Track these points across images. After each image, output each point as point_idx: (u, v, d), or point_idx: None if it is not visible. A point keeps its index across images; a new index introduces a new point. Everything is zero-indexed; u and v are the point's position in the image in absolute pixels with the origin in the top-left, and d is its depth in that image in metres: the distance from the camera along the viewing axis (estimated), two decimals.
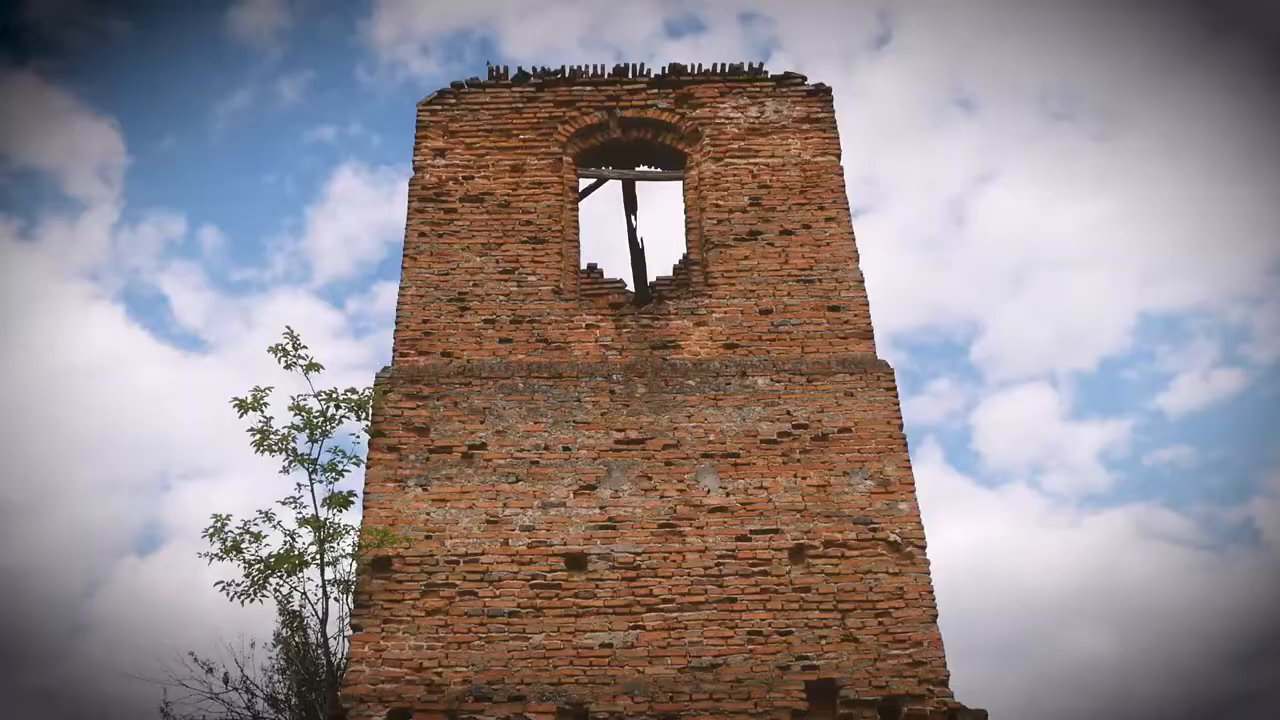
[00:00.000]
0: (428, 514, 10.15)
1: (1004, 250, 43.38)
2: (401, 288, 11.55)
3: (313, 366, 10.26)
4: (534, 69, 12.88)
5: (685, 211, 12.41)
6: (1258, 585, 32.20)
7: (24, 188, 41.39)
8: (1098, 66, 43.03)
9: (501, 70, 12.90)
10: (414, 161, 12.33)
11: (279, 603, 10.55)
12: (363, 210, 44.05)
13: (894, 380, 10.89)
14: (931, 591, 9.76)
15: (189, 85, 43.29)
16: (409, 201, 12.08)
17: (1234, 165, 40.74)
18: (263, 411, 10.02)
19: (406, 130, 12.49)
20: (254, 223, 45.94)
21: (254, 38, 44.14)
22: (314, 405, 10.09)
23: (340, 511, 9.90)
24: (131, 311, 43.91)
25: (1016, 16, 43.48)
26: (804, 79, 12.82)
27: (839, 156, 12.37)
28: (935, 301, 42.90)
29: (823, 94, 12.74)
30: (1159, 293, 42.97)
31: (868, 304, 11.41)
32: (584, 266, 12.14)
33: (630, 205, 13.27)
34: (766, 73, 12.88)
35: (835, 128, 12.54)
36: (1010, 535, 36.18)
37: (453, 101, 12.70)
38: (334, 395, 10.12)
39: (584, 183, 12.81)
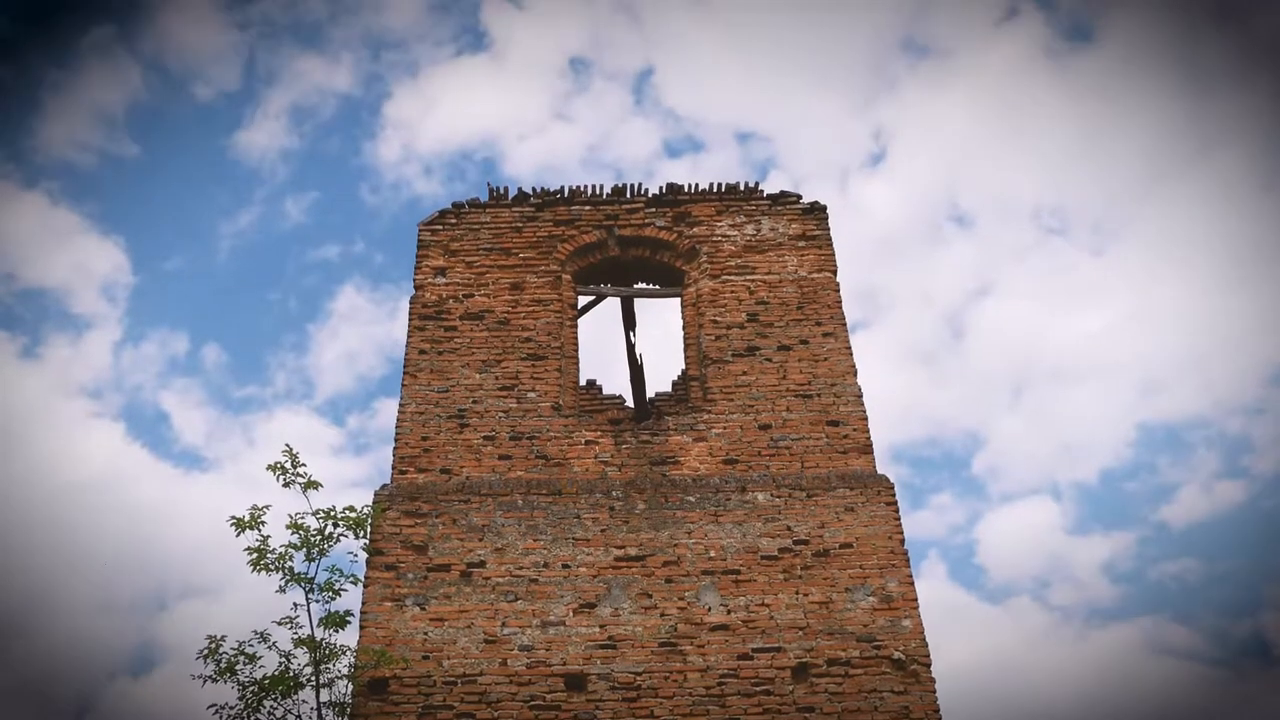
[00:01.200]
0: (425, 633, 10.02)
1: (1003, 363, 43.61)
2: (401, 404, 11.58)
3: (311, 484, 10.24)
4: (534, 189, 13.11)
5: (684, 327, 12.51)
6: (1272, 702, 31.56)
7: (29, 306, 41.75)
8: (1090, 181, 43.77)
9: (502, 190, 13.12)
10: (415, 280, 12.48)
11: None
12: (365, 327, 44.39)
13: (894, 495, 10.85)
14: (938, 710, 9.59)
15: (196, 205, 44.05)
16: (409, 319, 12.19)
17: (1228, 277, 41.16)
18: (260, 530, 9.95)
19: (409, 248, 12.68)
20: (256, 340, 46.22)
21: (260, 159, 45.02)
22: (312, 523, 10.02)
23: (337, 631, 9.77)
24: (131, 429, 43.83)
25: (1009, 133, 44.41)
26: (799, 197, 13.03)
27: (835, 272, 12.51)
28: (936, 414, 42.96)
29: (818, 211, 12.95)
30: (1158, 404, 43.02)
31: (866, 418, 11.43)
32: (583, 382, 12.20)
33: (629, 321, 13.39)
34: (762, 191, 13.09)
35: (831, 244, 12.71)
36: (1017, 651, 35.62)
37: (453, 221, 12.90)
38: (332, 513, 10.06)
39: (583, 299, 12.94)
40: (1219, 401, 41.42)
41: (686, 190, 13.07)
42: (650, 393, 12.71)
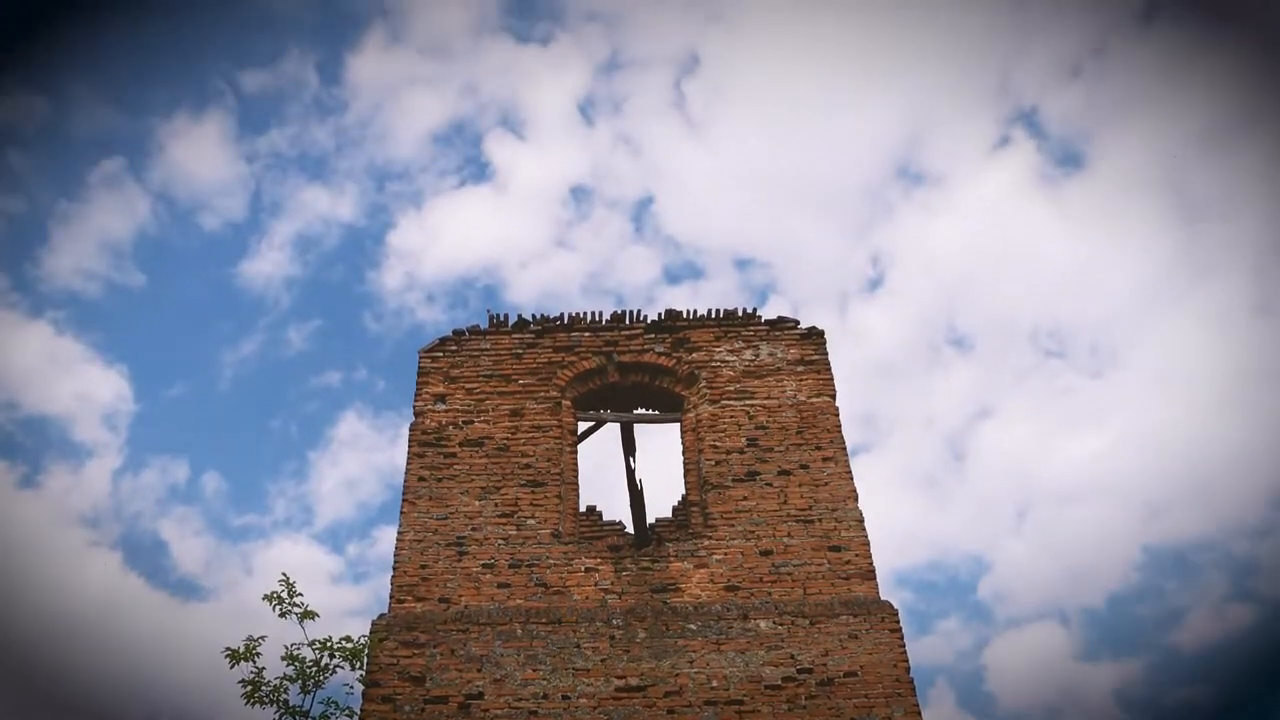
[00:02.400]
0: None
1: (1005, 485, 43.42)
2: (400, 532, 11.51)
3: (308, 614, 10.11)
4: (534, 316, 13.24)
5: (683, 453, 12.49)
6: None
7: (31, 434, 41.75)
8: (1087, 304, 44.17)
9: (502, 317, 13.24)
10: (415, 407, 12.51)
11: None
12: (365, 454, 44.35)
13: (899, 621, 10.71)
14: None
15: (199, 333, 44.46)
16: (409, 446, 12.18)
17: (1227, 400, 41.22)
18: (255, 662, 9.80)
19: (411, 374, 12.76)
20: (257, 468, 46.14)
21: (265, 287, 45.55)
22: (308, 654, 9.88)
23: None
24: (129, 558, 43.45)
25: (1005, 257, 44.98)
26: (797, 322, 13.14)
27: (834, 397, 12.55)
28: (939, 538, 42.61)
29: (815, 337, 13.04)
30: (1163, 526, 42.67)
31: (868, 543, 11.35)
32: (583, 509, 12.14)
33: (629, 447, 13.38)
34: (760, 317, 13.21)
35: (829, 369, 12.77)
36: None
37: (454, 348, 12.99)
38: (328, 644, 9.92)
39: (583, 425, 12.94)
40: (1224, 524, 41.11)
41: (685, 316, 13.19)
42: (650, 518, 12.63)
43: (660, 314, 13.23)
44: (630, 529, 12.36)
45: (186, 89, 45.48)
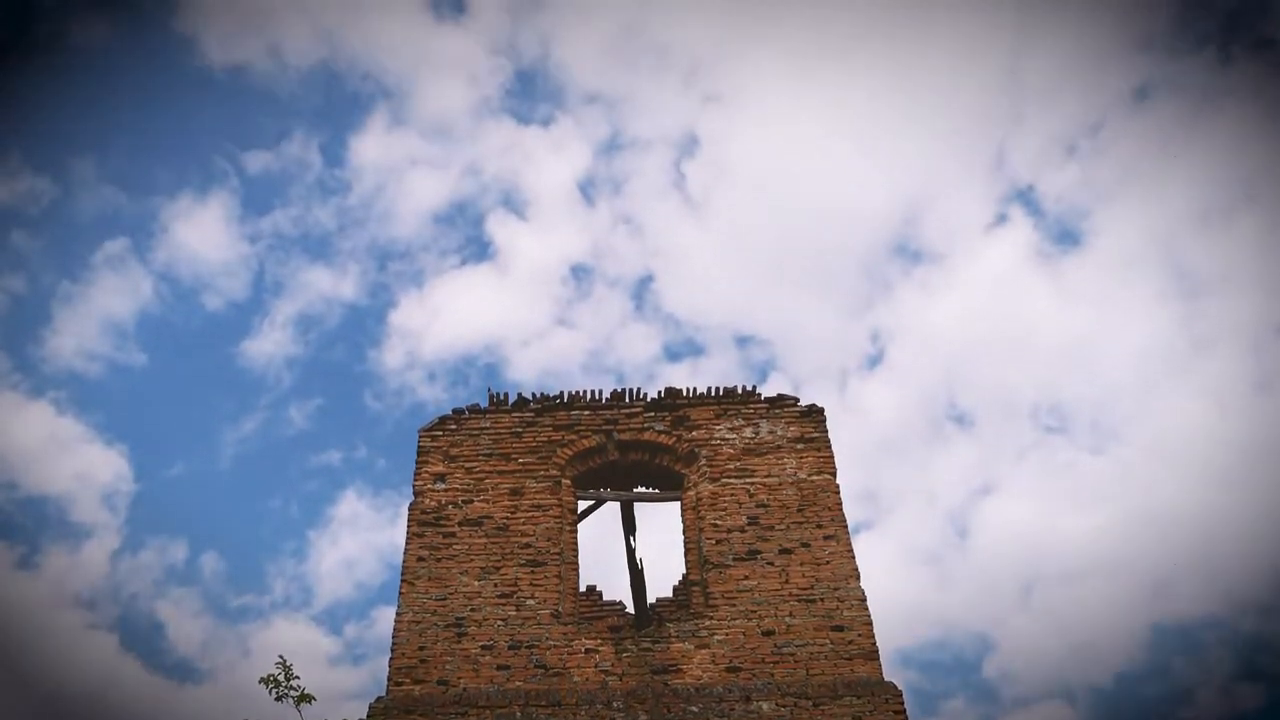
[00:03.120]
0: None
1: (1009, 562, 43.09)
2: (398, 613, 11.41)
3: (304, 698, 10.00)
4: (534, 394, 13.25)
5: (684, 531, 12.43)
6: None
7: (30, 515, 41.59)
8: (1086, 380, 44.22)
9: (502, 396, 13.26)
10: (414, 486, 12.48)
11: None
12: (365, 534, 44.15)
13: (903, 702, 10.57)
14: None
15: (201, 413, 44.47)
16: (408, 526, 12.13)
17: (1230, 477, 41.08)
18: None
19: (411, 453, 12.74)
20: (256, 548, 45.87)
21: (266, 367, 45.65)
22: None
23: None
24: (126, 640, 43.03)
25: (1004, 334, 45.12)
26: (796, 400, 13.15)
27: (834, 475, 12.51)
28: (943, 616, 42.19)
29: (815, 414, 13.04)
30: (1170, 604, 42.28)
31: (871, 623, 11.24)
32: (583, 588, 12.05)
33: (629, 525, 13.32)
34: (759, 395, 13.22)
35: (829, 447, 12.75)
36: None
37: (453, 427, 12.99)
38: None
39: (583, 504, 12.90)
40: (1232, 601, 40.75)
41: (685, 394, 13.20)
42: (651, 598, 12.54)
43: (660, 392, 13.25)
44: (631, 609, 12.26)
45: (191, 170, 46.13)
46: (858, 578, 11.60)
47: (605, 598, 12.12)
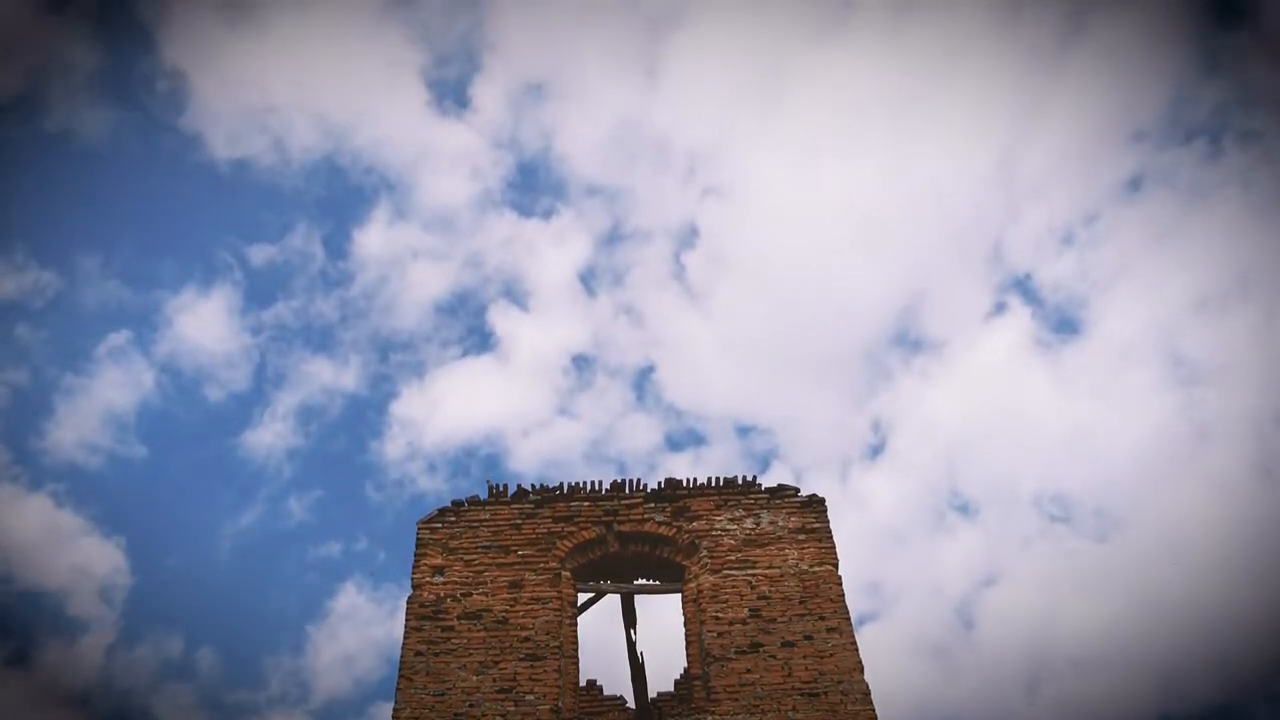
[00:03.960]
0: None
1: (1017, 653, 42.45)
2: (395, 709, 11.25)
3: None
4: (533, 485, 13.21)
5: (685, 624, 12.30)
6: None
7: (26, 609, 41.18)
8: (1089, 469, 44.08)
9: (501, 488, 13.22)
10: (412, 579, 12.39)
11: None
12: (364, 628, 43.59)
13: None
14: None
15: (199, 505, 44.25)
16: (406, 620, 12.01)
17: (1235, 565, 40.73)
18: None
19: (411, 545, 12.67)
20: (253, 642, 45.22)
21: (266, 458, 45.54)
22: None
23: None
24: None
25: (1005, 423, 45.08)
26: (797, 490, 13.10)
27: (836, 566, 12.42)
28: (951, 709, 41.43)
29: (816, 504, 12.98)
30: (1180, 694, 41.62)
31: (876, 717, 11.07)
32: (583, 683, 11.90)
33: (629, 618, 13.18)
34: (760, 485, 13.18)
35: (831, 537, 12.67)
36: None
37: (453, 519, 12.93)
38: None
39: (583, 597, 12.79)
40: (1243, 691, 40.14)
41: (685, 485, 13.16)
42: (652, 693, 12.35)
43: (660, 483, 13.21)
44: (632, 704, 12.09)
45: (196, 263, 46.52)
46: (862, 671, 11.45)
47: (606, 692, 11.96)
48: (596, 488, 13.21)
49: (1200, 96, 43.48)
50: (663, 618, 13.86)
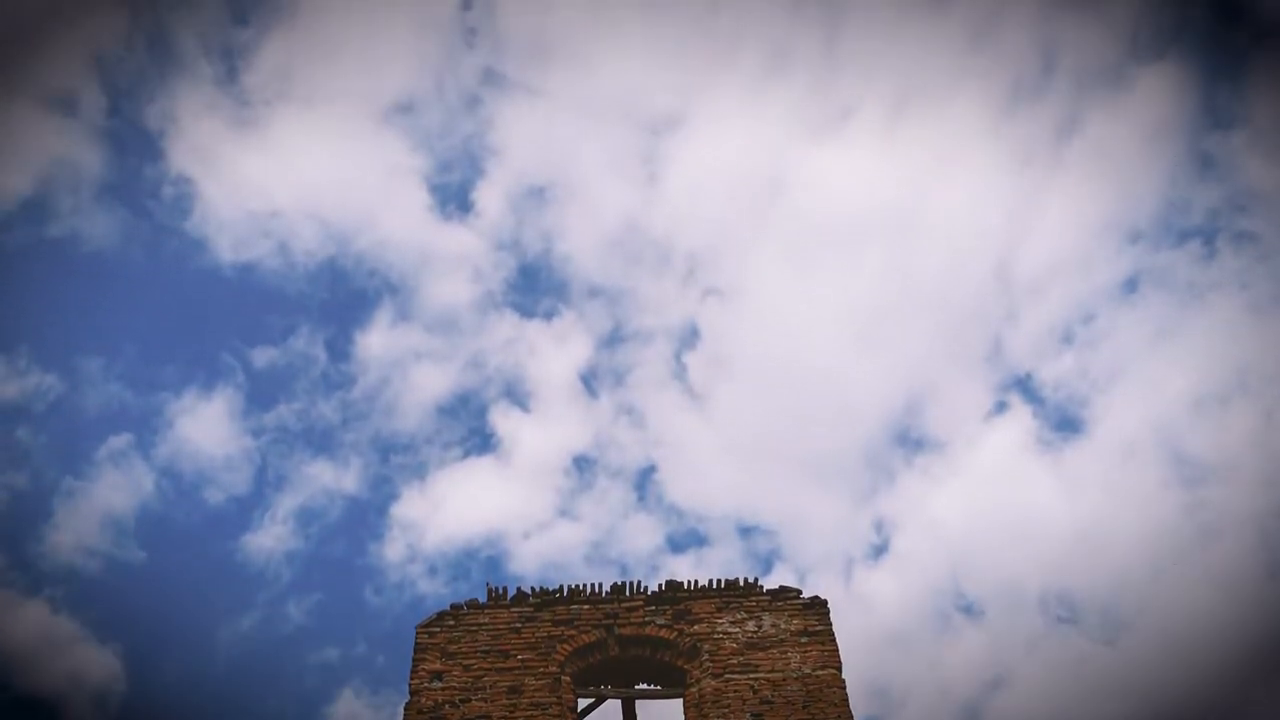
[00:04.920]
0: None
1: None
2: None
3: None
4: (533, 588, 13.10)
5: None
6: None
7: (20, 716, 40.47)
8: (1094, 569, 43.70)
9: (501, 591, 13.11)
10: (410, 685, 12.22)
11: None
12: None
13: None
14: None
15: (197, 609, 43.68)
16: None
17: (1244, 667, 40.19)
18: None
19: (410, 650, 12.51)
20: None
21: (265, 562, 45.17)
22: None
23: None
24: None
25: (1008, 522, 44.81)
26: (799, 592, 12.99)
27: (839, 669, 12.27)
28: None
29: (819, 606, 12.86)
30: None
31: None
32: None
33: None
34: (762, 587, 13.07)
35: (834, 639, 12.53)
36: None
37: (451, 623, 12.80)
38: None
39: (583, 702, 12.61)
40: None
41: (686, 588, 13.05)
42: None
43: (661, 585, 13.10)
44: None
45: (198, 367, 46.67)
46: None
47: None
48: (597, 590, 13.11)
49: (1193, 199, 44.12)
50: None
